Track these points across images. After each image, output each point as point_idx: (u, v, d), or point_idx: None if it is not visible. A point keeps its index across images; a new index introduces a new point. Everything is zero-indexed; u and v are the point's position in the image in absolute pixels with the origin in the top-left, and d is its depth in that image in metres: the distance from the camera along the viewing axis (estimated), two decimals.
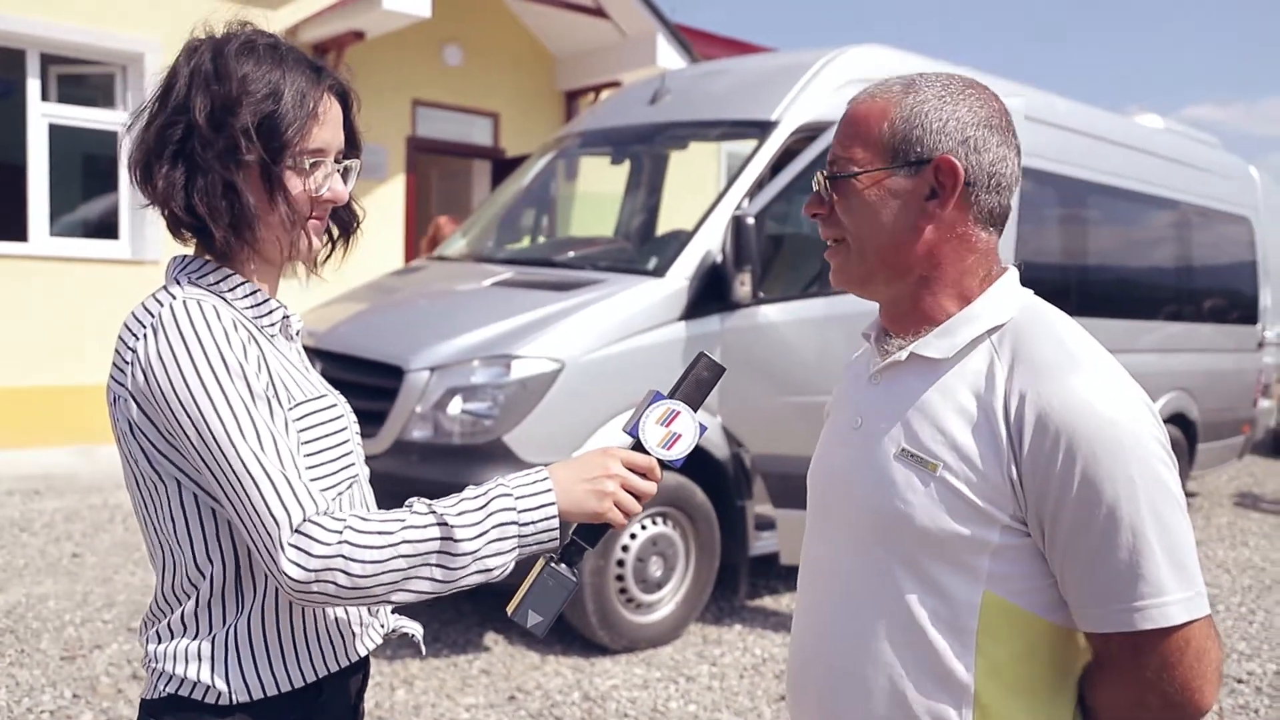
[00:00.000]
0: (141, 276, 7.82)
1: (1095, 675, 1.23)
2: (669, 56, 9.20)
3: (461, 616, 4.59)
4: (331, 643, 1.29)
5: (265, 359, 1.22)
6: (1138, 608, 1.12)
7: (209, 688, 1.22)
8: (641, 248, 5.51)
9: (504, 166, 9.75)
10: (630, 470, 1.26)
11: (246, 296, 1.29)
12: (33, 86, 7.64)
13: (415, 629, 1.47)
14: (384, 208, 9.23)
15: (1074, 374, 1.16)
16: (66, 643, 4.09)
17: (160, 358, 1.15)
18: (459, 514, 1.17)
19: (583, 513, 1.24)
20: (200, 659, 1.22)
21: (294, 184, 1.26)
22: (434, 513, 1.17)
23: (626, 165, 6.10)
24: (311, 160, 1.27)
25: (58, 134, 7.84)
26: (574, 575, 1.26)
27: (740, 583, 4.71)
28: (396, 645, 4.19)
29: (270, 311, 1.31)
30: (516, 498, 1.20)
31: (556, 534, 1.22)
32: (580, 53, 10.04)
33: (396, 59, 9.10)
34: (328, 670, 1.29)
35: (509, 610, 1.25)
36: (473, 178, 10.51)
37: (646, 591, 4.29)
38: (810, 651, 1.33)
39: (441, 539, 1.16)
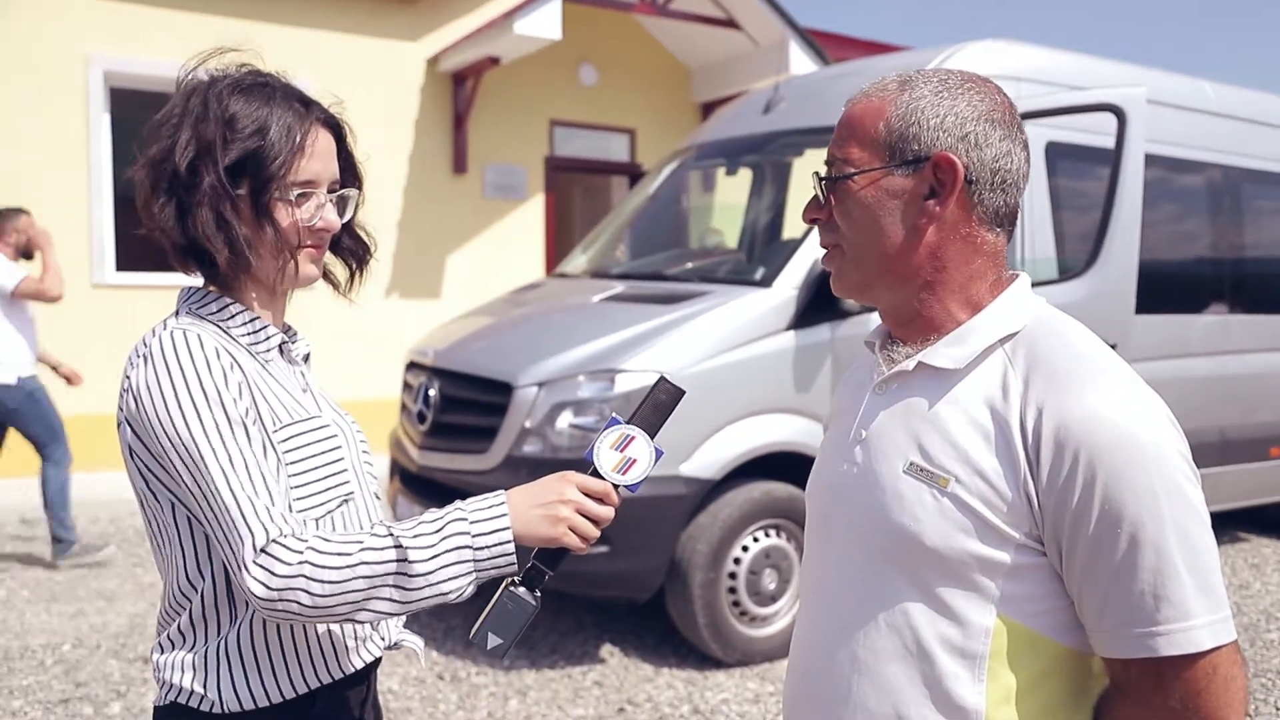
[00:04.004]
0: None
1: (1113, 703, 1.15)
2: (801, 62, 9.08)
3: (582, 628, 4.65)
4: (324, 655, 1.34)
5: (250, 384, 1.29)
6: (1161, 632, 1.05)
7: (203, 697, 1.28)
8: (751, 258, 5.46)
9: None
10: (587, 495, 1.27)
11: (244, 325, 1.36)
12: None
13: (416, 642, 1.50)
14: (523, 227, 9.48)
15: (1093, 385, 1.10)
16: None
17: (147, 385, 1.23)
18: (415, 537, 1.21)
19: (536, 537, 1.25)
20: (195, 669, 1.29)
21: (282, 215, 1.32)
22: (392, 535, 1.21)
23: (748, 175, 6.05)
24: (300, 191, 1.33)
25: None
26: (534, 599, 1.27)
27: None
28: (514, 656, 4.28)
29: (267, 338, 1.37)
30: (471, 522, 1.23)
31: (512, 558, 1.24)
32: (713, 64, 10.05)
33: (533, 81, 9.35)
34: (319, 682, 1.33)
35: (471, 633, 1.27)
36: (612, 194, 10.68)
37: (760, 604, 4.24)
38: (808, 675, 1.28)
39: (398, 561, 1.19)
